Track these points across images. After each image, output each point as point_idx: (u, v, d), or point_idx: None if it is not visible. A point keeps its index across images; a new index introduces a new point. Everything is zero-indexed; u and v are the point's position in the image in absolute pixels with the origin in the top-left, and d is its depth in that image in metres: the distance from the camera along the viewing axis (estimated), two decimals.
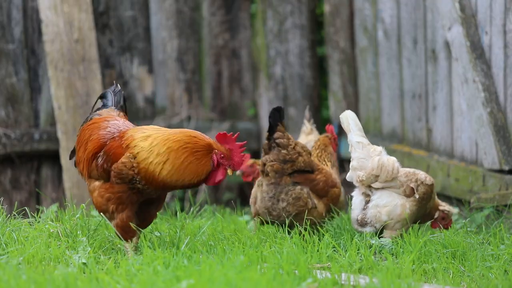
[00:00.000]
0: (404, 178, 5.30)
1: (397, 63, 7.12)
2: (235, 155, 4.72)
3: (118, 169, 4.71)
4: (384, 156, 5.32)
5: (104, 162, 4.76)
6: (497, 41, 6.06)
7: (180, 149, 4.68)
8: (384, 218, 5.26)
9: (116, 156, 4.73)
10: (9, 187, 7.29)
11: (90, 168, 4.82)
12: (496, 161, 6.08)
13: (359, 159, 5.31)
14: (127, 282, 4.15)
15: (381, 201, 5.28)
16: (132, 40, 7.62)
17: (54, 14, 7.24)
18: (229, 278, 4.07)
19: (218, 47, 7.87)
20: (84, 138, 4.91)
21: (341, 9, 7.59)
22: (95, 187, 4.81)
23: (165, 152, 4.68)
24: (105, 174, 4.76)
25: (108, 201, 4.76)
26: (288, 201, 5.25)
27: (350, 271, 4.46)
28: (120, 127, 4.88)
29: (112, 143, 4.78)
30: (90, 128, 4.93)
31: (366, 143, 5.33)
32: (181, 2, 7.72)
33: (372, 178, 5.29)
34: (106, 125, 4.90)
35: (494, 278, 4.48)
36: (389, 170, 5.28)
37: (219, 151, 4.71)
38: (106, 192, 4.76)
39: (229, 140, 4.73)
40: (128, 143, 4.72)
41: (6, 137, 7.15)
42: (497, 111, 6.09)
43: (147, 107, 7.69)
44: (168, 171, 4.67)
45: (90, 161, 4.83)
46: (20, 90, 7.25)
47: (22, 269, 4.42)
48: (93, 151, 4.83)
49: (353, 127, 5.34)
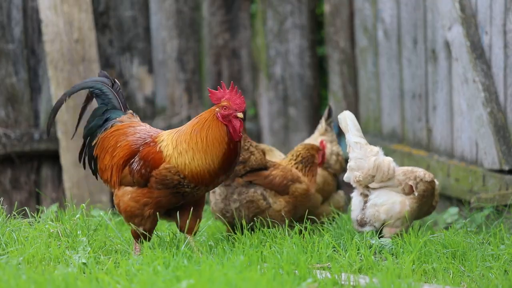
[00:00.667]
0: (402, 176, 5.31)
1: (397, 63, 7.12)
2: (233, 99, 4.76)
3: (162, 175, 4.72)
4: (380, 157, 5.33)
5: (141, 167, 4.75)
6: (497, 41, 6.06)
7: (193, 134, 4.73)
8: (382, 217, 5.27)
9: (156, 161, 4.73)
10: (9, 187, 7.29)
11: (122, 174, 4.80)
12: (496, 161, 6.08)
13: (357, 159, 5.32)
14: (127, 282, 4.15)
15: (378, 200, 5.29)
16: (132, 40, 7.62)
17: (54, 14, 7.23)
18: (229, 278, 4.07)
19: (218, 47, 7.87)
20: (109, 145, 4.88)
21: (341, 9, 7.59)
22: (126, 192, 4.80)
23: (187, 147, 4.72)
24: (142, 180, 4.76)
25: (145, 206, 4.76)
26: (241, 202, 5.25)
27: (350, 271, 4.46)
28: (149, 132, 4.88)
29: (147, 148, 4.78)
30: (114, 135, 4.90)
31: (363, 143, 5.34)
32: (181, 2, 7.72)
33: (369, 178, 5.29)
34: (134, 131, 4.89)
35: (494, 278, 4.48)
36: (384, 171, 5.28)
37: (219, 108, 4.75)
38: (144, 197, 4.76)
39: (220, 93, 4.78)
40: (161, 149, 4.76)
41: (6, 137, 7.15)
42: (497, 111, 6.09)
43: (147, 107, 7.69)
44: (200, 159, 4.70)
45: (121, 167, 4.81)
46: (20, 90, 7.25)
47: (22, 269, 4.42)
48: (124, 157, 4.82)
49: (351, 128, 5.34)
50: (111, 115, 4.98)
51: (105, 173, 4.88)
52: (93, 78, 5.07)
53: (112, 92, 5.02)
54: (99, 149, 4.92)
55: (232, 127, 4.73)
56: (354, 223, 5.34)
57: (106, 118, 4.97)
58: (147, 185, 4.76)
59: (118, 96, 5.03)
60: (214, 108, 4.77)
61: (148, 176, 4.74)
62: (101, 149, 4.91)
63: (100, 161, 4.90)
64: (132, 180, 4.78)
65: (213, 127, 4.74)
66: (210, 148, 4.72)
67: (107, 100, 5.01)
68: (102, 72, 5.10)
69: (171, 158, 4.72)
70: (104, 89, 5.02)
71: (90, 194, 7.24)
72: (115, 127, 4.93)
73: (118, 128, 4.92)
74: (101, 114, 5.00)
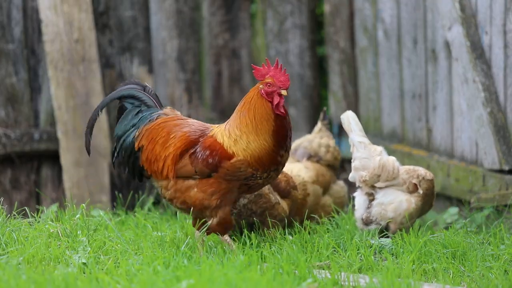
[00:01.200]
0: (405, 175, 5.35)
1: (397, 63, 7.11)
2: (277, 76, 4.80)
3: (235, 167, 4.72)
4: (384, 156, 5.36)
5: (207, 157, 4.72)
6: (497, 41, 6.06)
7: (242, 118, 4.76)
8: (389, 215, 5.30)
9: (226, 151, 4.72)
10: (9, 187, 7.29)
11: (179, 165, 4.78)
12: (496, 161, 6.08)
13: (362, 159, 5.34)
14: (127, 282, 4.15)
15: (385, 199, 5.32)
16: (132, 40, 7.61)
17: (54, 14, 7.23)
18: (229, 278, 4.07)
19: (218, 47, 7.87)
20: (158, 136, 4.84)
21: (341, 9, 7.59)
22: (189, 186, 4.77)
23: (240, 133, 4.74)
24: (207, 170, 4.74)
25: (212, 195, 4.75)
26: (250, 198, 5.25)
27: (350, 271, 4.46)
28: (205, 125, 4.88)
29: (210, 139, 4.77)
30: (163, 126, 4.87)
31: (367, 143, 5.37)
32: (181, 2, 7.72)
33: (375, 178, 5.32)
34: (186, 122, 4.88)
35: (494, 278, 4.47)
36: (389, 170, 5.31)
37: (263, 84, 4.78)
38: (210, 187, 4.74)
39: (264, 70, 4.82)
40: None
41: (6, 137, 7.15)
42: (497, 111, 6.09)
43: None
44: (254, 141, 4.71)
45: (177, 158, 4.79)
46: (20, 90, 7.25)
47: (22, 269, 4.41)
48: (182, 147, 4.79)
49: (354, 127, 5.36)
50: (147, 113, 4.95)
51: (154, 164, 4.83)
52: (121, 88, 5.04)
53: (144, 94, 4.99)
54: (145, 140, 4.87)
55: (274, 103, 4.73)
56: (358, 222, 5.37)
57: (142, 117, 4.94)
58: (211, 175, 4.74)
59: (152, 97, 5.00)
60: (258, 86, 4.79)
61: (216, 166, 4.72)
62: (148, 140, 4.86)
63: (148, 152, 4.85)
64: (193, 170, 4.75)
65: (259, 106, 4.76)
66: (260, 128, 4.72)
67: (139, 102, 4.99)
68: (130, 80, 5.10)
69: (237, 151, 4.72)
70: (134, 93, 5.00)
71: (90, 194, 7.24)
72: (161, 119, 4.90)
73: (166, 120, 4.89)
74: (134, 114, 4.96)
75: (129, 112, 4.98)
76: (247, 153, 4.72)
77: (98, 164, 7.32)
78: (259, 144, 4.72)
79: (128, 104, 4.99)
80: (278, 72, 4.81)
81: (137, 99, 4.99)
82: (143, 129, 4.90)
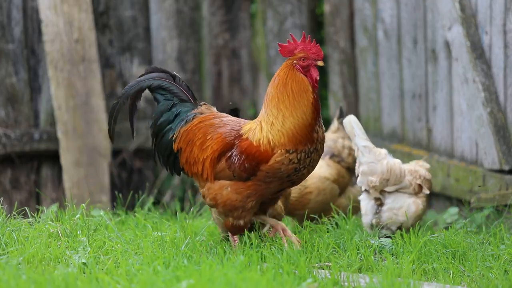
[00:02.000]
0: (410, 176, 5.36)
1: (397, 63, 7.11)
2: (308, 49, 4.69)
3: (275, 168, 4.62)
4: (390, 159, 5.37)
5: (243, 162, 4.65)
6: (497, 41, 6.06)
7: (279, 94, 4.67)
8: (400, 219, 5.32)
9: (262, 155, 4.64)
10: (9, 187, 7.29)
11: (216, 169, 4.72)
12: (496, 161, 6.08)
13: (369, 163, 5.34)
14: (127, 282, 4.15)
15: (396, 204, 5.33)
16: (132, 40, 7.62)
17: (54, 14, 7.23)
18: (229, 278, 4.07)
19: (218, 47, 7.87)
20: (195, 138, 4.77)
21: (341, 9, 7.59)
22: (224, 185, 4.70)
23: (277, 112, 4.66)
24: (245, 174, 4.65)
25: (248, 197, 4.68)
26: None
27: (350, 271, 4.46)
28: (239, 122, 4.80)
29: (246, 142, 4.68)
30: (199, 127, 4.78)
31: (371, 147, 5.37)
32: (181, 2, 7.72)
33: (384, 182, 5.33)
34: (221, 122, 4.80)
35: (494, 278, 4.47)
36: (397, 174, 5.33)
37: (297, 59, 4.69)
38: (247, 190, 4.67)
39: (291, 45, 4.71)
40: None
41: (6, 137, 7.15)
42: (497, 111, 6.09)
43: (147, 107, 7.69)
44: (291, 116, 4.64)
45: (215, 161, 4.71)
46: (20, 90, 7.25)
47: (22, 269, 4.42)
48: (219, 150, 4.72)
49: (357, 132, 5.36)
50: (181, 109, 4.85)
51: (194, 166, 4.77)
52: (149, 75, 4.89)
53: (175, 86, 4.87)
54: (183, 143, 4.80)
55: (310, 76, 4.67)
56: (366, 227, 5.37)
57: (177, 113, 4.85)
58: (250, 178, 4.67)
59: (183, 88, 4.88)
60: (290, 62, 4.69)
61: (253, 170, 4.65)
62: (186, 142, 4.78)
63: (187, 154, 4.78)
64: (231, 174, 4.68)
65: (296, 79, 4.67)
66: (298, 101, 4.64)
67: (171, 95, 4.87)
68: (151, 67, 4.94)
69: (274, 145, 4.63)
70: (164, 84, 4.88)
71: (90, 194, 7.24)
72: (198, 119, 4.81)
73: (202, 120, 4.81)
74: (168, 109, 4.86)
75: (162, 106, 4.86)
76: (282, 134, 4.62)
77: (98, 164, 7.33)
78: (296, 119, 4.62)
79: (159, 95, 4.88)
80: (308, 44, 4.69)
81: (168, 91, 4.88)
82: (181, 130, 4.81)
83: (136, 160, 7.67)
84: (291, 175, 4.66)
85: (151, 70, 4.93)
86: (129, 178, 7.68)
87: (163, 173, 7.69)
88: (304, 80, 4.67)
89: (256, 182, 4.67)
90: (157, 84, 4.87)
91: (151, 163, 7.71)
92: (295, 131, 4.62)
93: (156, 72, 4.91)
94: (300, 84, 4.66)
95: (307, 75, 4.68)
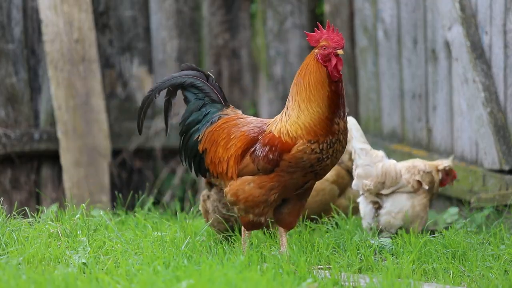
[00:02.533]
0: (407, 174, 5.34)
1: (397, 63, 7.11)
2: (330, 37, 4.64)
3: (297, 158, 4.58)
4: (386, 162, 5.35)
5: (267, 153, 4.61)
6: (497, 41, 6.06)
7: (298, 86, 4.63)
8: (398, 223, 5.30)
9: (285, 144, 4.59)
10: (9, 187, 7.29)
11: (241, 165, 4.68)
12: (496, 161, 6.07)
13: (364, 166, 5.33)
14: (127, 282, 4.15)
15: (394, 207, 5.32)
16: (132, 40, 7.61)
17: (54, 14, 7.23)
18: (229, 278, 4.07)
19: (218, 47, 7.87)
20: (219, 138, 4.76)
21: (341, 9, 7.59)
22: (246, 181, 4.67)
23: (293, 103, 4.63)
24: (270, 166, 4.61)
25: (271, 190, 4.64)
26: (218, 198, 5.16)
27: (350, 271, 4.46)
28: (262, 120, 4.78)
29: (269, 134, 4.65)
30: (223, 127, 4.77)
31: (368, 149, 5.36)
32: (181, 2, 7.72)
33: (379, 185, 5.32)
34: (245, 121, 4.79)
35: (494, 278, 4.47)
36: (392, 176, 5.32)
37: (318, 48, 4.64)
38: (270, 182, 4.63)
39: (317, 34, 4.66)
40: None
41: (6, 137, 7.15)
42: (497, 111, 6.09)
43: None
44: (306, 109, 4.59)
45: (239, 158, 4.69)
46: (20, 90, 7.25)
47: (22, 269, 4.42)
48: (243, 147, 4.70)
49: (355, 134, 5.36)
50: (211, 109, 4.85)
51: (219, 166, 4.76)
52: (183, 73, 4.88)
53: (207, 85, 4.87)
54: (208, 143, 4.80)
55: (331, 66, 4.58)
56: (367, 230, 5.36)
57: (206, 113, 4.84)
58: (273, 171, 4.63)
59: (215, 89, 4.88)
60: (314, 51, 4.65)
61: (276, 161, 4.62)
62: (211, 142, 4.79)
63: (212, 154, 4.78)
64: (256, 168, 4.65)
65: (314, 71, 4.61)
66: (313, 94, 4.59)
67: (202, 94, 4.87)
68: (186, 65, 4.93)
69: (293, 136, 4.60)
70: (197, 83, 4.88)
71: (90, 194, 7.24)
72: (222, 120, 4.81)
73: (226, 121, 4.81)
74: (198, 109, 4.86)
75: (192, 105, 4.86)
76: (298, 125, 4.59)
77: (98, 164, 7.33)
78: (310, 113, 4.59)
79: (191, 94, 4.89)
80: (331, 33, 4.62)
81: (200, 90, 4.87)
82: (206, 131, 4.81)
83: (136, 160, 7.67)
84: (314, 165, 4.61)
85: (186, 67, 4.92)
86: (129, 178, 7.68)
87: (163, 173, 7.69)
88: (321, 72, 4.60)
89: (279, 173, 4.63)
90: (190, 82, 4.87)
91: (151, 163, 7.71)
92: (312, 124, 4.58)
93: (190, 70, 4.91)
94: (317, 75, 4.60)
95: (327, 65, 4.60)
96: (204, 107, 4.86)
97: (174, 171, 7.73)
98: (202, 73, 4.89)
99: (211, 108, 4.86)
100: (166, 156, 7.69)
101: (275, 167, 4.63)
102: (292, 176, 4.63)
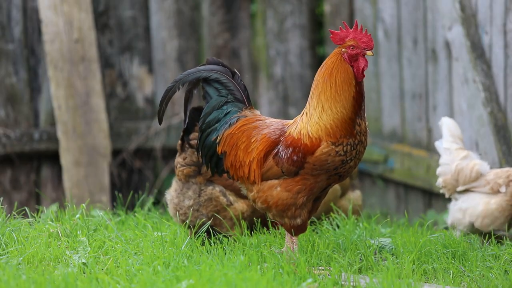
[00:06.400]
0: (492, 176, 5.28)
1: (397, 63, 7.11)
2: (359, 38, 4.55)
3: (322, 160, 4.49)
4: (464, 161, 5.34)
5: (291, 154, 4.51)
6: (497, 41, 6.06)
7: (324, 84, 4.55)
8: (467, 220, 5.28)
9: (308, 146, 4.50)
10: (9, 187, 7.29)
11: (264, 168, 4.58)
12: (496, 161, 6.07)
13: (443, 164, 5.41)
14: (127, 282, 4.14)
15: (464, 204, 5.32)
16: (132, 40, 7.61)
17: (54, 14, 7.23)
18: (229, 278, 4.07)
19: (218, 47, 7.87)
20: (239, 141, 4.64)
21: (341, 9, 7.59)
22: (273, 185, 4.57)
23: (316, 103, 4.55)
24: (294, 168, 4.52)
25: (298, 193, 4.54)
26: (200, 202, 5.04)
27: (350, 271, 4.46)
28: (282, 122, 4.67)
29: (291, 136, 4.56)
30: (242, 130, 4.66)
31: (453, 148, 5.37)
32: (181, 2, 7.72)
33: (453, 182, 5.34)
34: (265, 123, 4.68)
35: (494, 278, 4.47)
36: (466, 174, 5.30)
37: (345, 48, 4.55)
38: (297, 185, 4.53)
39: (343, 33, 4.58)
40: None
41: (6, 137, 7.15)
42: (497, 111, 6.09)
43: (147, 107, 7.69)
44: (329, 109, 4.51)
45: (262, 161, 4.58)
46: (20, 90, 7.25)
47: (22, 269, 4.41)
48: (265, 150, 4.59)
49: (444, 133, 5.44)
50: (232, 109, 4.72)
51: (240, 170, 4.63)
52: (209, 67, 4.74)
53: (232, 83, 4.75)
54: (228, 146, 4.67)
55: (357, 66, 4.50)
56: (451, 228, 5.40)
57: (227, 112, 4.71)
58: (298, 173, 4.54)
59: (240, 87, 4.75)
60: (339, 50, 4.56)
61: (301, 163, 4.52)
62: (230, 146, 4.66)
63: (232, 158, 4.65)
64: (280, 171, 4.55)
65: (342, 70, 4.52)
66: (339, 94, 4.50)
67: (226, 91, 4.74)
68: (212, 59, 4.81)
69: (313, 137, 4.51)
70: (222, 79, 4.75)
71: (90, 194, 7.24)
72: (241, 121, 4.68)
73: (245, 123, 4.68)
74: (219, 107, 4.73)
75: (214, 102, 4.72)
76: (319, 126, 4.50)
77: (98, 164, 7.33)
78: (333, 113, 4.50)
79: (213, 90, 4.75)
80: (359, 33, 4.54)
81: (224, 86, 4.75)
82: (224, 133, 4.68)
83: (136, 160, 7.67)
84: (338, 168, 4.52)
85: (212, 61, 4.80)
86: (129, 178, 7.68)
87: (163, 173, 7.69)
88: (348, 72, 4.52)
89: (304, 176, 4.53)
90: (215, 77, 4.74)
91: (151, 163, 7.72)
92: (333, 125, 4.50)
93: (216, 64, 4.79)
94: (344, 75, 4.52)
95: (354, 65, 4.52)
96: (226, 104, 4.73)
97: (174, 171, 7.73)
98: (228, 69, 4.78)
99: (232, 107, 4.73)
100: (166, 156, 7.69)
101: (300, 170, 4.54)
102: (317, 179, 4.54)
